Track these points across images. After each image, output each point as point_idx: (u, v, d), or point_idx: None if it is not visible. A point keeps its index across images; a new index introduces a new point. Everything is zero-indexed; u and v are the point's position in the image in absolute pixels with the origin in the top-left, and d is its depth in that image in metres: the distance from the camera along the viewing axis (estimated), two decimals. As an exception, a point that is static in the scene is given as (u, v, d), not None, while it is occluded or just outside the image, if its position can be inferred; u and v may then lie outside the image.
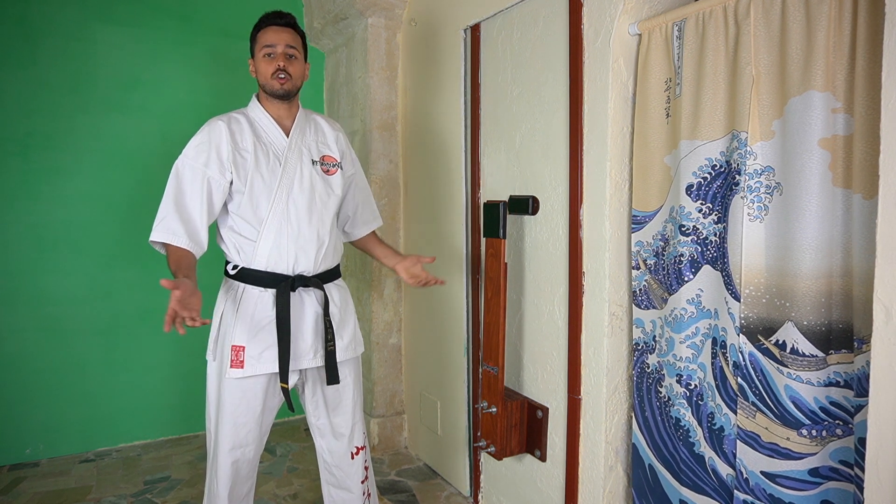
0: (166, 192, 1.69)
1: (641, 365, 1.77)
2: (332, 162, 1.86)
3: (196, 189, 1.68)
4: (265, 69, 1.75)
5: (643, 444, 1.77)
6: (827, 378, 1.37)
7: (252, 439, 1.78)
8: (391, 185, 2.87)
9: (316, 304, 1.80)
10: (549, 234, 1.98)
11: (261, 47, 1.75)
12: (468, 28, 2.32)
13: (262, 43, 1.75)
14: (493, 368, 2.04)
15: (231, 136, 1.70)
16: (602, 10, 1.72)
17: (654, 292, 1.72)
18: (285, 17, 1.77)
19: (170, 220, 1.66)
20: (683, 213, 1.59)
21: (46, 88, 2.77)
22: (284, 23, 1.76)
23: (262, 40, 1.75)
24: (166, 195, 1.69)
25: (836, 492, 1.39)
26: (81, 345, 2.90)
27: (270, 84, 1.75)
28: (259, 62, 1.76)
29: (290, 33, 1.76)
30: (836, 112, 1.31)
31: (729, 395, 1.54)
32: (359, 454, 1.94)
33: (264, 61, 1.75)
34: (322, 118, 1.92)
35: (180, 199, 1.68)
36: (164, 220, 1.67)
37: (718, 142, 1.52)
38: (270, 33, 1.75)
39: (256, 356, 1.73)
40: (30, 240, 2.79)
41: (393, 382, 2.99)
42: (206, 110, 2.96)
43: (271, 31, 1.75)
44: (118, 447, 3.02)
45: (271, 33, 1.75)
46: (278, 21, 1.76)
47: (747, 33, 1.42)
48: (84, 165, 2.85)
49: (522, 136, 2.08)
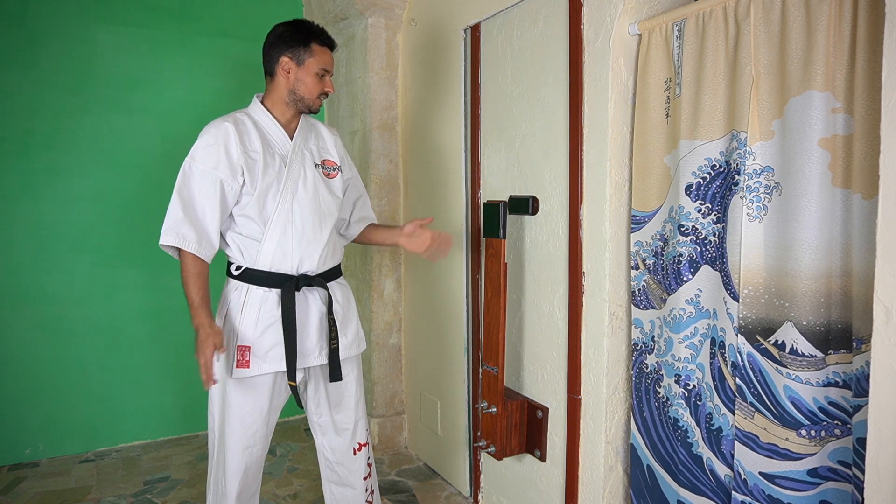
0: (175, 196, 1.67)
1: (640, 365, 1.77)
2: (333, 166, 1.87)
3: (207, 192, 1.66)
4: (314, 88, 1.77)
5: (641, 445, 1.77)
6: (826, 378, 1.37)
7: (259, 439, 1.79)
8: (391, 185, 2.87)
9: (320, 302, 1.80)
10: (549, 234, 1.98)
11: (317, 65, 1.76)
12: (468, 28, 2.32)
13: (321, 63, 1.76)
14: (493, 368, 2.04)
15: (239, 137, 1.69)
16: (602, 10, 1.72)
17: (652, 292, 1.72)
18: (334, 42, 1.83)
19: (180, 225, 1.65)
20: (683, 213, 1.59)
21: (47, 88, 2.77)
22: (334, 47, 1.82)
23: (321, 60, 1.76)
24: (175, 198, 1.67)
25: (835, 492, 1.39)
26: (82, 345, 2.91)
27: (313, 103, 1.78)
28: (310, 77, 1.76)
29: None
30: (835, 112, 1.31)
31: (727, 395, 1.54)
32: (361, 450, 1.94)
33: (316, 80, 1.76)
34: (320, 124, 1.94)
35: (190, 202, 1.66)
36: (175, 224, 1.65)
37: (718, 142, 1.52)
38: (329, 56, 1.79)
39: (262, 356, 1.73)
40: (30, 240, 2.79)
41: (393, 382, 2.99)
42: (206, 110, 2.97)
43: (329, 53, 1.79)
44: (118, 447, 3.02)
45: (329, 56, 1.79)
46: (333, 44, 1.81)
47: (747, 33, 1.42)
48: (84, 165, 2.85)
49: (522, 136, 2.08)
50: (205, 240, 1.67)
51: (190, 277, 1.66)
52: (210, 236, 1.68)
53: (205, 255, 1.68)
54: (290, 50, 1.74)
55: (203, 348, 1.60)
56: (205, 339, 1.61)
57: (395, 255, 2.92)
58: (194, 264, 1.67)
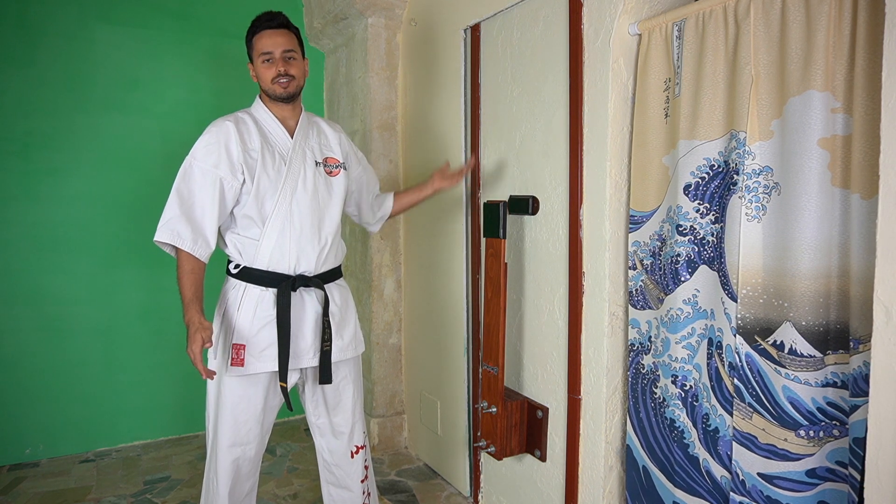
0: (173, 193, 1.67)
1: (636, 366, 1.76)
2: (335, 164, 1.87)
3: (206, 190, 1.66)
4: (265, 75, 1.75)
5: (637, 446, 1.77)
6: (825, 378, 1.37)
7: (253, 437, 1.79)
8: (391, 185, 2.87)
9: (316, 303, 1.80)
10: (549, 234, 1.98)
11: (258, 53, 1.75)
12: (468, 28, 2.32)
13: (259, 49, 1.75)
14: (493, 368, 2.04)
15: (240, 136, 1.70)
16: (602, 10, 1.72)
17: (650, 293, 1.72)
18: (277, 18, 1.76)
19: (176, 222, 1.65)
20: (681, 213, 1.59)
21: (46, 88, 2.77)
22: (277, 24, 1.75)
23: (259, 46, 1.75)
24: (173, 196, 1.67)
25: (833, 492, 1.38)
26: (81, 345, 2.91)
27: (273, 89, 1.76)
28: (259, 68, 1.77)
29: (284, 35, 1.76)
30: (835, 112, 1.31)
31: (724, 396, 1.54)
32: (359, 453, 1.94)
33: (263, 67, 1.75)
34: (324, 121, 1.93)
35: (189, 200, 1.67)
36: (171, 221, 1.66)
37: (717, 142, 1.52)
38: (265, 38, 1.74)
39: (257, 355, 1.73)
40: (29, 239, 2.79)
41: (393, 382, 2.99)
42: (206, 110, 2.98)
43: (266, 35, 1.75)
44: (118, 447, 3.02)
45: (266, 38, 1.74)
46: (271, 24, 1.75)
47: (747, 33, 1.42)
48: (84, 165, 2.86)
49: (522, 136, 2.08)
50: (201, 238, 1.67)
51: (183, 274, 1.67)
52: (206, 235, 1.68)
53: (199, 254, 1.68)
54: (248, 52, 1.80)
55: (192, 343, 1.61)
56: (193, 335, 1.61)
57: (395, 254, 2.92)
58: (188, 261, 1.67)
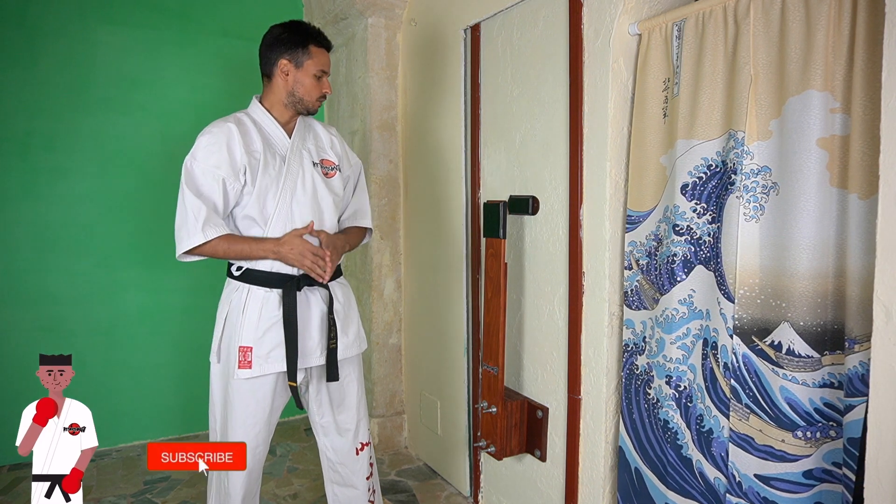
0: (185, 191, 1.64)
1: (630, 366, 1.76)
2: (331, 165, 1.87)
3: (211, 186, 1.66)
4: (313, 90, 1.77)
5: (629, 447, 1.76)
6: (822, 379, 1.37)
7: (262, 440, 1.80)
8: (391, 185, 2.87)
9: (321, 302, 1.80)
10: (549, 234, 1.98)
11: (315, 67, 1.76)
12: (468, 28, 2.32)
13: (319, 65, 1.77)
14: (493, 368, 2.04)
15: (242, 137, 1.69)
16: (602, 10, 1.72)
17: (645, 293, 1.71)
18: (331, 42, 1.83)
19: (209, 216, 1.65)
20: (678, 213, 1.59)
21: (47, 88, 2.77)
22: (329, 47, 1.82)
23: (319, 62, 1.77)
24: (186, 193, 1.64)
25: (829, 493, 1.38)
26: (82, 345, 2.90)
27: (312, 105, 1.79)
28: (308, 79, 1.76)
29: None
30: (834, 112, 1.30)
31: (719, 396, 1.53)
32: (364, 450, 1.94)
33: (314, 82, 1.77)
34: (318, 124, 1.93)
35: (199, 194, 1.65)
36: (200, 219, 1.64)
37: (715, 141, 1.52)
38: (326, 57, 1.79)
39: (264, 356, 1.73)
40: (30, 240, 2.79)
41: (393, 382, 2.99)
42: (206, 110, 2.97)
43: (326, 54, 1.79)
44: (118, 447, 3.02)
45: (326, 57, 1.79)
46: (330, 45, 1.81)
47: (746, 33, 1.42)
48: (84, 165, 2.85)
49: (522, 136, 2.08)
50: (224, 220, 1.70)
51: (231, 248, 1.68)
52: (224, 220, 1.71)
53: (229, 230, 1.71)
54: (289, 52, 1.74)
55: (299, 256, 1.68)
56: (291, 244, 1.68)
57: (395, 254, 2.92)
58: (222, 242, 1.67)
